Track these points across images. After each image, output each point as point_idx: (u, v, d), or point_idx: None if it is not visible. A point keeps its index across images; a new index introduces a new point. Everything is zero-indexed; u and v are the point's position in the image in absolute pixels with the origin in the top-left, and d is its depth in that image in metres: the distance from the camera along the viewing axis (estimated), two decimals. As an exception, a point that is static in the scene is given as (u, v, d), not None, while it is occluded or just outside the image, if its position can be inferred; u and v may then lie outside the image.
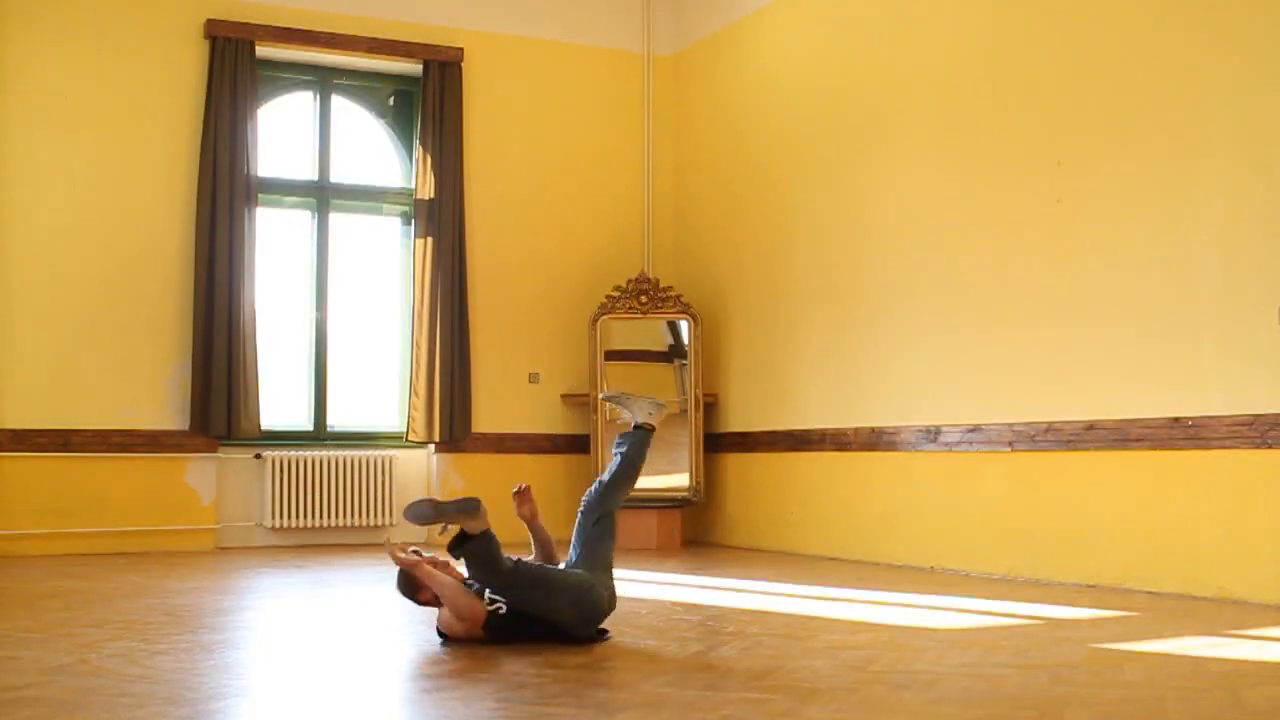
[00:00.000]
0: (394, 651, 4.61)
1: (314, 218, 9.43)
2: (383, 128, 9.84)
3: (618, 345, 9.49)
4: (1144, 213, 6.21)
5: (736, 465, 9.31)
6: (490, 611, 4.44)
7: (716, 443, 9.48)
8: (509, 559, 4.51)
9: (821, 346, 8.44)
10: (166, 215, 8.81)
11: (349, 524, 9.09)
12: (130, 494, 8.54)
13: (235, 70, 8.88)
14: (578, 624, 4.48)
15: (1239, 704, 3.50)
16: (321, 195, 9.43)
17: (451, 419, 9.34)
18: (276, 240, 9.35)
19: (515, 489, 4.89)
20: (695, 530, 9.68)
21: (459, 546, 4.49)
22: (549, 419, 9.76)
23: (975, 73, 7.29)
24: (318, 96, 9.52)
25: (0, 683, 3.78)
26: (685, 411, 9.28)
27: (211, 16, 8.91)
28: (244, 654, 4.47)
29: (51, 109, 8.57)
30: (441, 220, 9.41)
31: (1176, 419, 5.97)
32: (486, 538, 4.46)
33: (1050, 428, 6.64)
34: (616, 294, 9.41)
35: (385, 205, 9.77)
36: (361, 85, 9.68)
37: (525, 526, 4.95)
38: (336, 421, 9.35)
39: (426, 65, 9.49)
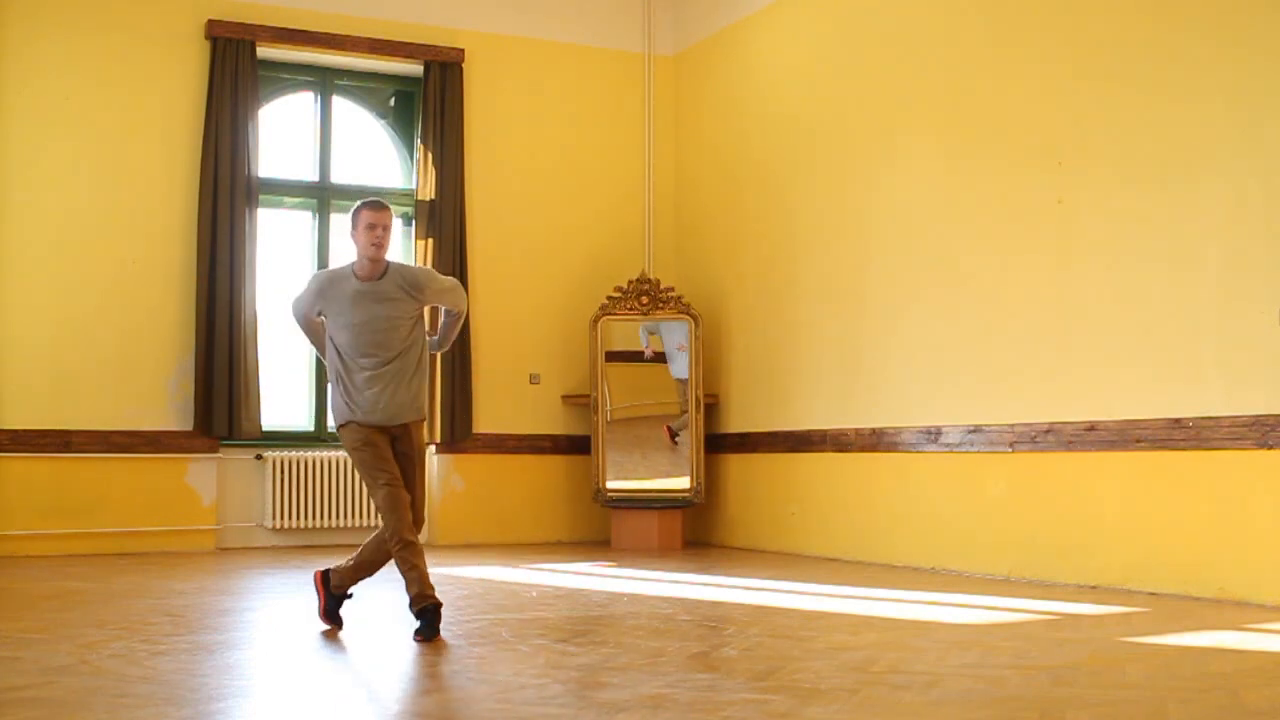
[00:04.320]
0: (394, 652, 4.61)
1: (315, 218, 9.43)
2: (383, 128, 9.85)
3: (619, 346, 9.49)
4: (1144, 213, 6.21)
5: (737, 466, 9.31)
6: None
7: (717, 444, 9.48)
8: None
9: (822, 347, 8.44)
10: (167, 216, 8.81)
11: (350, 524, 9.08)
12: (131, 494, 8.54)
13: (236, 71, 8.89)
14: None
15: (1239, 705, 3.50)
16: (322, 196, 9.43)
17: (453, 420, 9.34)
18: (277, 240, 9.35)
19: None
20: (696, 531, 9.68)
21: None
22: (550, 420, 9.76)
23: (976, 72, 7.29)
24: (318, 97, 9.52)
25: (1, 683, 3.78)
26: (686, 413, 9.28)
27: (212, 17, 8.91)
28: (245, 654, 4.47)
29: (52, 110, 8.57)
30: (442, 221, 9.41)
31: (1177, 420, 5.97)
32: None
33: (1051, 428, 6.64)
34: (617, 295, 9.41)
35: (386, 206, 9.75)
36: (362, 86, 9.68)
37: None
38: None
39: (427, 66, 9.49)
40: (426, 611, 4.75)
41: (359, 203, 5.13)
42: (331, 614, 5.11)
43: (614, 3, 10.24)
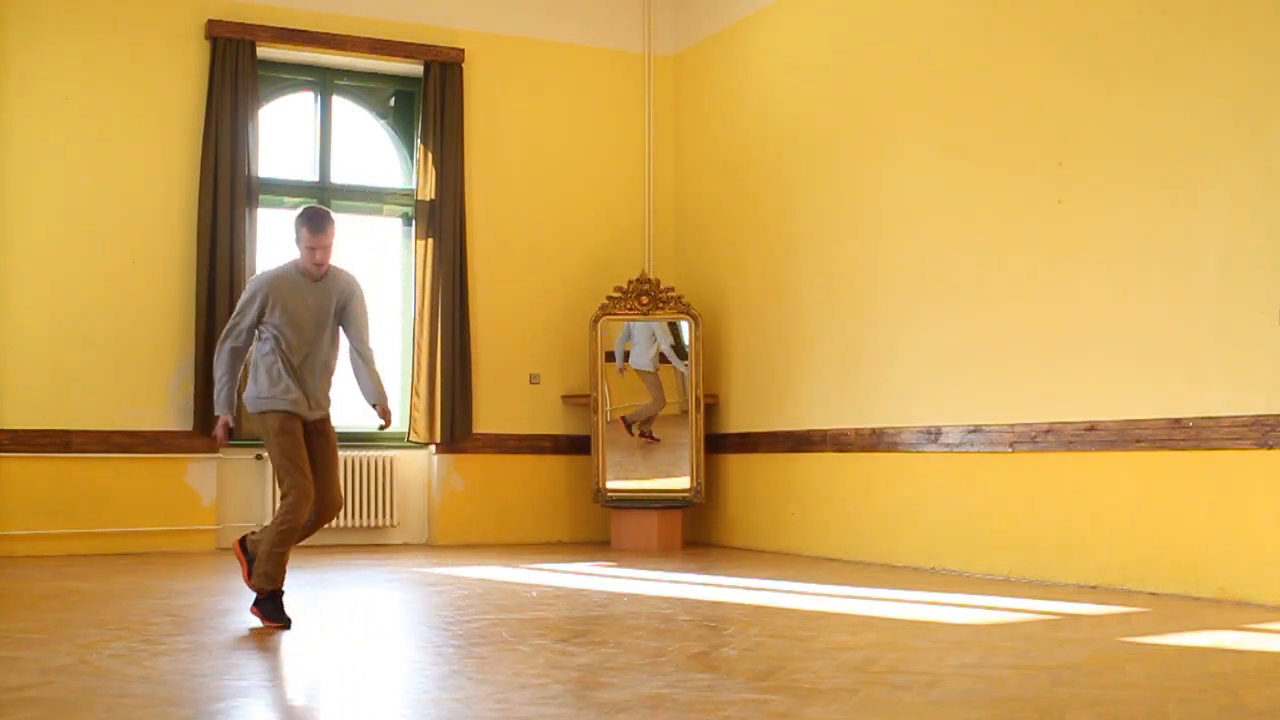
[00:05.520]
0: (394, 652, 4.61)
1: (315, 218, 9.41)
2: (383, 128, 9.84)
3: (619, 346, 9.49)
4: (1144, 213, 6.21)
5: (737, 466, 9.31)
6: None
7: (717, 444, 9.48)
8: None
9: (822, 347, 8.44)
10: (167, 215, 8.81)
11: (350, 525, 9.09)
12: (131, 494, 8.53)
13: (236, 70, 8.89)
14: None
15: (1239, 705, 3.50)
16: (322, 196, 9.43)
17: (452, 420, 9.34)
18: (277, 240, 9.35)
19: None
20: (696, 531, 9.68)
21: None
22: (550, 420, 9.76)
23: (976, 73, 7.29)
24: (318, 97, 9.52)
25: (1, 683, 3.78)
26: (686, 412, 9.28)
27: (212, 17, 8.91)
28: (245, 655, 4.47)
29: (53, 110, 8.57)
30: (442, 221, 9.41)
31: (1177, 420, 5.97)
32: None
33: (1051, 428, 6.64)
34: (618, 295, 9.41)
35: (386, 206, 9.77)
36: (362, 86, 9.68)
37: None
38: (337, 422, 9.29)
39: (427, 66, 9.49)
40: (279, 595, 5.08)
41: (301, 212, 5.27)
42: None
43: (614, 3, 10.24)
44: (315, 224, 5.18)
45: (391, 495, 9.26)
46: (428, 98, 9.48)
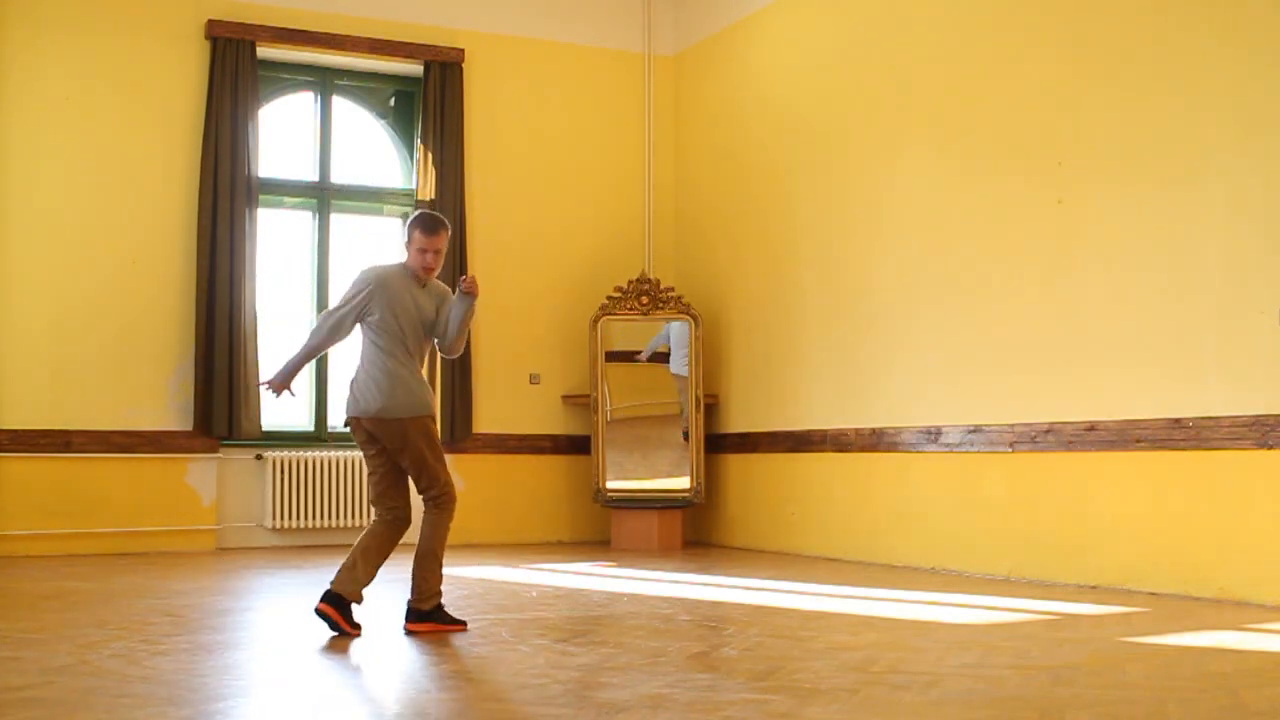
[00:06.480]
0: (394, 653, 4.61)
1: (315, 218, 9.43)
2: (383, 128, 9.84)
3: (619, 346, 9.49)
4: (1144, 213, 6.21)
5: (737, 466, 9.31)
6: None
7: (718, 444, 9.48)
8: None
9: (823, 347, 8.44)
10: (167, 215, 8.81)
11: (349, 525, 9.07)
12: (131, 494, 8.53)
13: (236, 71, 8.89)
14: None
15: (1240, 705, 3.50)
16: (322, 196, 9.43)
17: (452, 420, 9.34)
18: (277, 240, 9.35)
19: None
20: (696, 531, 9.68)
21: None
22: (550, 420, 9.75)
23: (976, 73, 7.29)
24: (318, 97, 9.52)
25: (1, 683, 3.78)
26: (684, 412, 9.28)
27: (212, 17, 8.91)
28: (245, 655, 4.47)
29: (52, 110, 8.57)
30: (442, 221, 9.40)
31: (1177, 420, 5.97)
32: None
33: (1051, 428, 6.64)
34: (617, 295, 9.41)
35: (386, 206, 9.76)
36: (362, 86, 9.68)
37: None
38: (337, 422, 9.34)
39: (427, 66, 9.49)
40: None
41: (415, 215, 5.28)
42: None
43: (614, 3, 10.23)
44: (429, 227, 5.19)
45: (391, 495, 9.24)
46: (428, 98, 9.47)
